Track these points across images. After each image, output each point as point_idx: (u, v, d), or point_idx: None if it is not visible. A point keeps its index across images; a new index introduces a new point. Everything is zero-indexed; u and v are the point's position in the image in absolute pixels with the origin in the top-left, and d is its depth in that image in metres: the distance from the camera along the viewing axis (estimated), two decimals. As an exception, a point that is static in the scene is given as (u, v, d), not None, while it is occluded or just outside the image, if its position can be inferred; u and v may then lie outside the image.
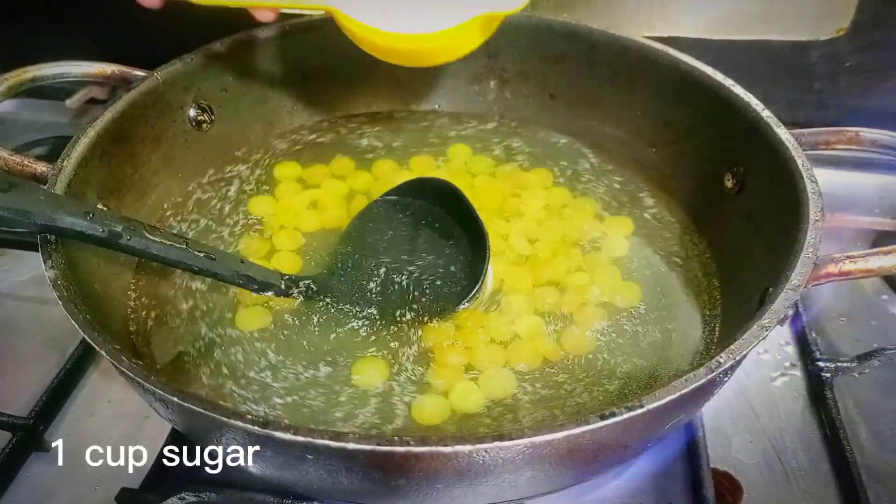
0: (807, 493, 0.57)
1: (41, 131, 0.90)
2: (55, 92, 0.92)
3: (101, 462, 0.58)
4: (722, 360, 0.38)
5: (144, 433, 0.59)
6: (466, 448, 0.33)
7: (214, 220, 0.65)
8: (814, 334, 0.67)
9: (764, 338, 0.40)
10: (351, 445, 0.33)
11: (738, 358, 0.39)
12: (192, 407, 0.35)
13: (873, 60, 0.83)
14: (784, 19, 0.80)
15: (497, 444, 0.33)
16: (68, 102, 0.92)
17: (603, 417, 0.34)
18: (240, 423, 0.34)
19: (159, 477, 0.55)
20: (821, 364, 0.64)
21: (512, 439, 0.34)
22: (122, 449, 0.58)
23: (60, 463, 0.58)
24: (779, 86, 0.89)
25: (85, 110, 0.93)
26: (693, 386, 0.37)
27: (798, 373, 0.66)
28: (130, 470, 0.56)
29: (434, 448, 0.33)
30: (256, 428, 0.34)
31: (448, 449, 0.33)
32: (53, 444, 0.59)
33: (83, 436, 0.60)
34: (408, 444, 0.33)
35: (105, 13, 0.82)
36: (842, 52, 0.82)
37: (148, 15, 0.59)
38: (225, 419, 0.35)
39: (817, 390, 0.63)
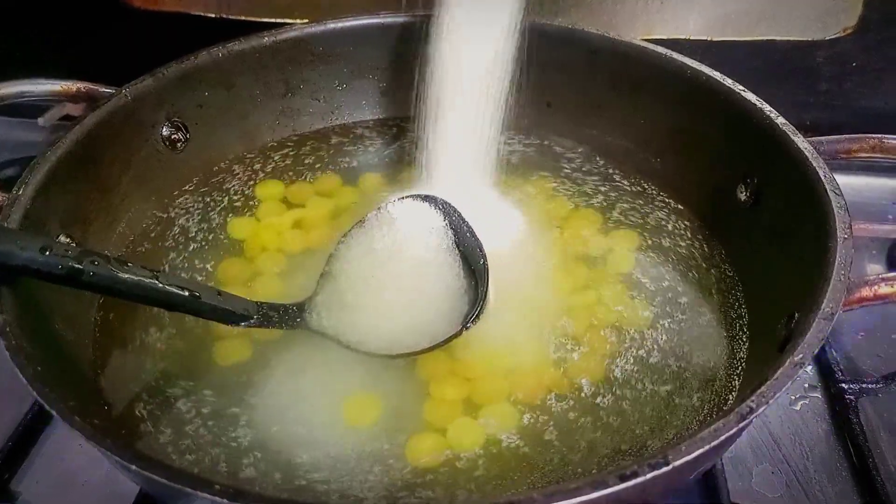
0: (835, 527, 0.53)
1: (13, 151, 0.86)
2: (29, 110, 0.87)
3: (71, 511, 0.54)
4: (753, 406, 0.34)
5: (119, 480, 0.55)
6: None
7: (191, 246, 0.61)
8: (833, 352, 0.63)
9: (797, 376, 0.36)
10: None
11: (770, 401, 0.34)
12: (153, 477, 0.31)
13: (882, 60, 0.80)
14: (788, 19, 0.77)
15: (503, 514, 0.29)
16: (41, 121, 0.87)
17: (623, 479, 0.30)
18: (206, 495, 0.30)
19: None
20: (844, 385, 0.60)
21: (520, 508, 0.29)
22: (95, 498, 0.55)
23: (27, 514, 0.54)
24: (783, 87, 0.85)
25: (60, 128, 0.88)
26: (723, 437, 0.32)
27: (819, 395, 0.62)
28: (106, 522, 0.52)
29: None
30: (225, 501, 0.30)
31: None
32: (20, 494, 0.55)
33: (53, 483, 0.56)
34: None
35: (73, 27, 0.78)
36: (849, 51, 0.79)
37: (117, 28, 0.55)
38: (190, 490, 0.30)
39: (841, 414, 0.59)
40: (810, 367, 0.64)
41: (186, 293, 0.47)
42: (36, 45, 0.82)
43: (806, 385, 0.63)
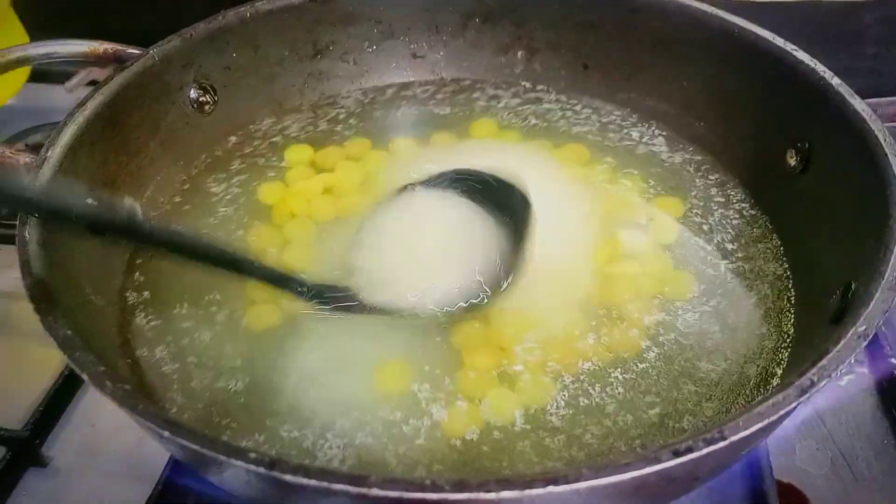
0: (881, 504, 0.51)
1: (40, 117, 0.85)
2: (55, 75, 0.87)
3: (101, 478, 0.54)
4: (815, 379, 0.32)
5: (149, 446, 0.55)
6: (514, 494, 0.28)
7: (220, 211, 0.60)
8: (882, 327, 0.61)
9: (862, 348, 0.34)
10: (374, 491, 0.28)
11: (832, 374, 0.32)
12: (186, 443, 0.30)
13: (933, 22, 0.76)
14: (835, -23, 0.73)
15: (551, 489, 0.28)
16: (67, 86, 0.86)
17: (677, 454, 0.29)
18: (241, 463, 0.29)
19: (165, 496, 0.50)
20: (892, 360, 0.58)
21: (568, 482, 0.28)
22: (124, 463, 0.55)
23: (58, 479, 0.54)
24: (828, 52, 0.82)
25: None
26: (782, 411, 0.31)
27: (866, 370, 0.60)
28: (133, 487, 0.52)
29: (473, 495, 0.28)
30: (262, 469, 0.29)
31: (491, 496, 0.28)
32: (51, 459, 0.55)
33: (83, 449, 0.56)
34: (442, 489, 0.28)
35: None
36: (898, 12, 0.75)
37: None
38: (224, 458, 0.29)
39: (889, 389, 0.57)
40: (857, 342, 0.62)
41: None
42: (63, 6, 0.81)
43: (852, 360, 0.60)
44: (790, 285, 0.52)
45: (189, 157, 0.62)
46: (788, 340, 0.49)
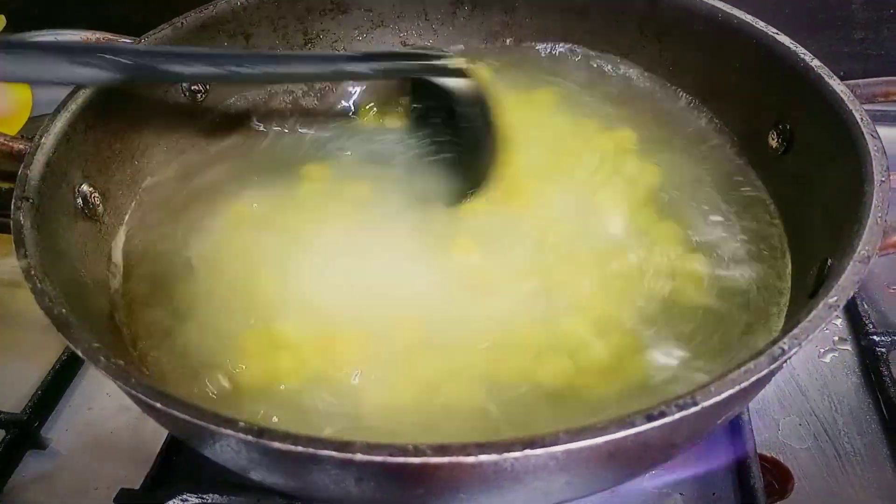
0: (863, 479, 0.53)
1: (34, 108, 0.86)
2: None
3: (100, 459, 0.55)
4: (786, 347, 0.33)
5: (146, 428, 0.56)
6: (492, 457, 0.29)
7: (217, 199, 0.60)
8: (865, 305, 0.62)
9: (832, 318, 0.35)
10: (359, 457, 0.29)
11: (803, 343, 0.34)
12: (177, 414, 0.31)
13: (922, 6, 0.77)
14: (823, -39, 0.74)
15: (528, 451, 0.29)
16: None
17: (650, 418, 0.30)
18: (230, 432, 0.30)
19: (161, 476, 0.51)
20: (875, 338, 0.59)
21: (545, 446, 0.29)
22: (122, 445, 0.56)
23: (57, 460, 0.55)
24: (816, 36, 0.83)
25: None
26: (753, 378, 0.32)
27: (849, 347, 0.61)
28: (131, 467, 0.53)
29: (454, 458, 0.29)
30: (250, 437, 0.30)
31: (471, 459, 0.29)
32: (50, 441, 0.56)
33: (81, 431, 0.57)
34: (424, 454, 0.29)
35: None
36: (885, -3, 0.76)
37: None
38: (214, 427, 0.30)
39: (872, 366, 0.58)
40: (840, 320, 0.63)
41: None
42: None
43: (835, 338, 0.62)
44: (787, 263, 0.52)
45: (183, 144, 0.62)
46: (782, 319, 0.49)
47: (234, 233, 0.55)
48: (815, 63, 0.52)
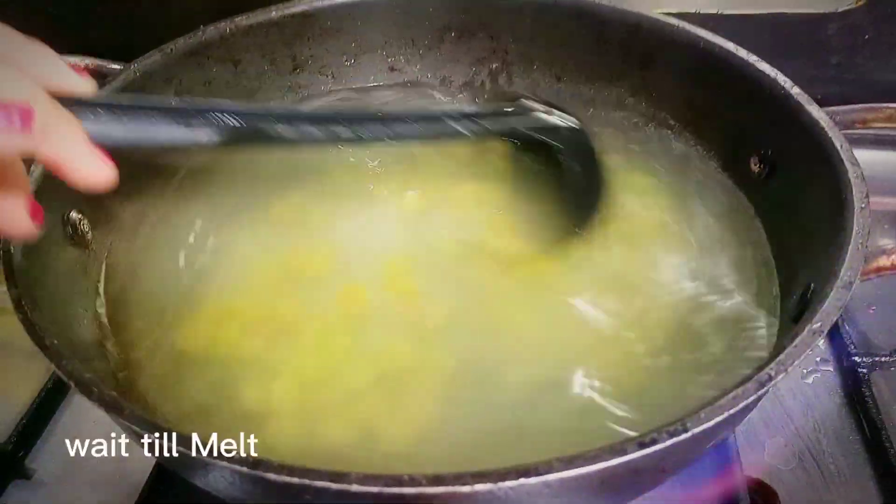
0: (847, 499, 0.53)
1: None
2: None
3: (85, 489, 0.54)
4: (772, 374, 0.34)
5: (136, 456, 0.55)
6: (488, 486, 0.29)
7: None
8: (846, 327, 0.63)
9: (817, 344, 0.36)
10: (355, 487, 0.29)
11: (789, 368, 0.34)
12: (171, 445, 0.31)
13: (895, 32, 0.78)
14: (799, -10, 0.75)
15: (522, 481, 0.29)
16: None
17: (642, 445, 0.30)
18: (225, 464, 0.30)
19: (149, 507, 0.51)
20: (856, 359, 0.60)
21: (539, 474, 0.29)
22: (108, 474, 0.55)
23: (43, 490, 0.55)
24: (794, 61, 0.83)
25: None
26: (742, 404, 0.32)
27: (831, 369, 0.62)
28: (117, 497, 0.53)
29: (450, 488, 0.29)
30: (245, 469, 0.30)
31: (466, 489, 0.29)
32: (34, 471, 0.56)
33: (67, 460, 0.56)
34: (420, 483, 0.29)
35: (80, 2, 0.78)
36: (861, 23, 0.78)
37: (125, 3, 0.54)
38: (208, 459, 0.30)
39: (854, 387, 0.59)
40: (822, 342, 0.64)
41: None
42: (44, 21, 0.81)
43: (818, 359, 0.63)
44: (775, 290, 0.52)
45: (172, 169, 0.63)
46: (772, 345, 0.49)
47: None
48: (795, 90, 0.53)
